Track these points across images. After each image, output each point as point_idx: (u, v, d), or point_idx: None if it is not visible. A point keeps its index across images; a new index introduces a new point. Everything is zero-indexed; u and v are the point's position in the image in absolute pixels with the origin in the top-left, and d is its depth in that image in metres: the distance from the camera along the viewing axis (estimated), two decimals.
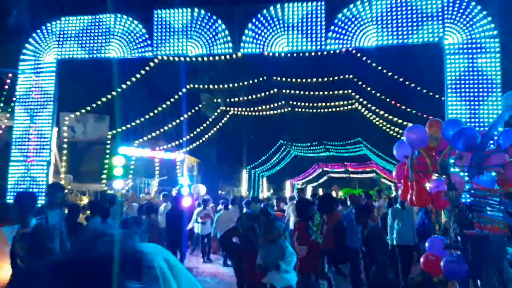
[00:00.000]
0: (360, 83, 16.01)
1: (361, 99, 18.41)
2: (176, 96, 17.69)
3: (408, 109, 15.44)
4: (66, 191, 13.16)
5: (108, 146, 16.44)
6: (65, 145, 14.45)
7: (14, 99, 11.44)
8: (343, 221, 7.57)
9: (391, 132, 17.74)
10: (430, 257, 5.32)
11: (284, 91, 19.67)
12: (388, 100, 15.55)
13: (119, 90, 13.25)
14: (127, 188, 17.58)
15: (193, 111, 20.77)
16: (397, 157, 5.58)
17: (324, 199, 7.82)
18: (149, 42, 10.64)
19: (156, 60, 11.71)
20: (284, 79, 17.64)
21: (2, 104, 12.82)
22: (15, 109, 11.30)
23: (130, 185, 18.90)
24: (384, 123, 18.15)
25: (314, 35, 9.89)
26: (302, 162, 36.41)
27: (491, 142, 5.33)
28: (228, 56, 10.61)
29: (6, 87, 12.55)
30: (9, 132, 11.85)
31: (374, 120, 18.71)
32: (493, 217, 4.67)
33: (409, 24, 9.52)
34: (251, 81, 18.82)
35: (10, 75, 12.18)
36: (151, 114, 17.64)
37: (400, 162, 5.64)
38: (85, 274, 0.82)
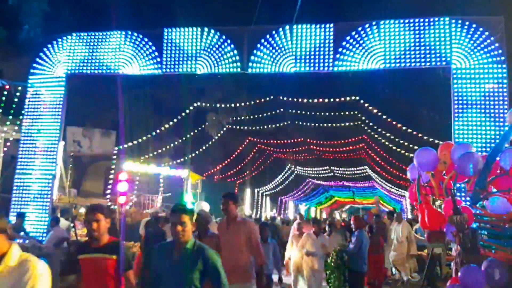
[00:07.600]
0: (366, 105, 16.04)
1: (367, 121, 18.42)
2: (183, 114, 17.76)
3: (415, 132, 15.42)
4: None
5: (113, 162, 16.47)
6: (70, 159, 14.50)
7: (22, 112, 11.52)
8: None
9: (397, 150, 17.73)
10: None
11: (290, 111, 19.74)
12: (394, 122, 15.56)
13: (126, 106, 13.33)
14: (131, 204, 17.54)
15: (199, 129, 20.87)
16: (411, 179, 5.57)
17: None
18: (158, 59, 10.73)
19: (164, 78, 11.78)
20: (290, 98, 17.70)
21: (10, 117, 12.91)
22: (23, 122, 11.35)
23: (134, 201, 18.87)
24: (390, 146, 18.13)
25: (322, 57, 9.95)
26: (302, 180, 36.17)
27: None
28: (235, 74, 10.67)
29: (16, 100, 12.66)
30: (16, 145, 11.89)
31: (381, 140, 18.71)
32: (498, 243, 4.57)
33: (417, 47, 9.57)
34: (257, 101, 18.90)
35: (19, 88, 12.29)
36: (157, 131, 17.72)
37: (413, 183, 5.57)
38: None
